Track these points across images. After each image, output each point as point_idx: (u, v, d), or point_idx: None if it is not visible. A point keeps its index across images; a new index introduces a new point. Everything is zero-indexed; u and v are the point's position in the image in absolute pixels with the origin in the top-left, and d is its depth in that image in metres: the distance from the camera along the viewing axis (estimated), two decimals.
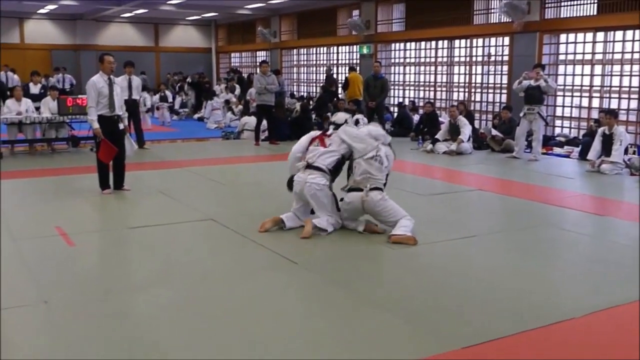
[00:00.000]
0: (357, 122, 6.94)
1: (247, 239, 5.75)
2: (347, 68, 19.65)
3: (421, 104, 15.88)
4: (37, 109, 12.02)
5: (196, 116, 19.69)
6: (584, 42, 12.91)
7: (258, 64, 15.73)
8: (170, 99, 19.54)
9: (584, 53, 12.96)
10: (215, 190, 8.34)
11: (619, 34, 12.30)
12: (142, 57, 25.09)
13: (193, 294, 4.37)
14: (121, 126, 7.87)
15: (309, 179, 5.96)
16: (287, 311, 4.10)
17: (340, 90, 17.54)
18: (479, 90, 15.58)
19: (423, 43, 17.11)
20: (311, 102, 18.18)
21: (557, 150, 12.17)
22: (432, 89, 16.93)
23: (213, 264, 5.16)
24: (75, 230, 5.97)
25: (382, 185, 5.92)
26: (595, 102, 12.85)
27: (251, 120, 14.10)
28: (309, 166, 6.06)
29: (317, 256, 5.30)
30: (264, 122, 13.26)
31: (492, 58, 15.12)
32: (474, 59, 15.62)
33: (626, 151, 10.21)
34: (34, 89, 13.89)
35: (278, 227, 6.05)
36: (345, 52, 20.44)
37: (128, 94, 11.93)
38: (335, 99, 16.55)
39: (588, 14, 12.66)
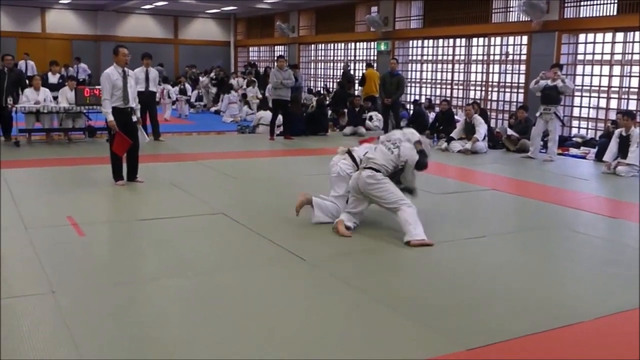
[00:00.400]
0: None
1: (255, 234, 5.77)
2: (364, 64, 19.65)
3: (438, 101, 15.81)
4: (55, 98, 12.14)
5: (213, 109, 19.78)
6: (603, 42, 12.78)
7: (275, 58, 15.76)
8: (189, 92, 19.63)
9: (602, 53, 12.83)
10: (228, 184, 8.37)
11: (638, 35, 12.15)
12: (161, 49, 25.23)
13: (199, 288, 4.41)
14: (134, 118, 7.92)
15: (340, 162, 6.11)
16: (293, 308, 4.11)
17: (357, 86, 17.51)
18: (496, 89, 15.48)
19: (441, 41, 17.03)
20: (327, 98, 18.18)
21: (573, 151, 12.06)
22: (449, 87, 16.85)
23: (220, 258, 5.19)
24: (86, 220, 6.03)
25: (382, 169, 5.75)
26: (613, 103, 12.72)
27: (267, 115, 14.13)
28: (348, 152, 6.21)
29: (325, 253, 5.31)
30: (280, 117, 13.29)
31: (510, 57, 15.01)
32: (491, 57, 15.51)
33: None
34: (53, 78, 14.03)
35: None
36: (363, 49, 20.40)
37: (145, 86, 12.03)
38: (351, 92, 16.55)
39: (608, 14, 12.53)
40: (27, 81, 12.17)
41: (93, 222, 6.05)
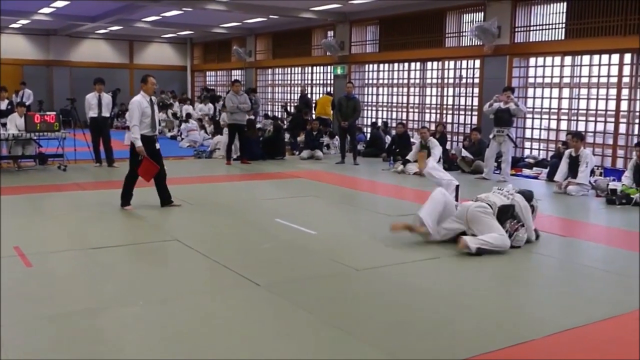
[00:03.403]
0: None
1: (210, 260, 5.69)
2: (321, 88, 19.85)
3: (394, 124, 15.96)
4: (4, 125, 11.83)
5: (169, 134, 19.61)
6: (553, 66, 13.12)
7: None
8: None
9: (552, 76, 13.16)
10: (183, 209, 8.24)
11: (586, 59, 12.52)
12: (116, 74, 24.94)
13: (152, 317, 4.30)
14: (157, 145, 8.12)
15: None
16: (246, 334, 4.04)
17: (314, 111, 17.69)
18: (450, 111, 15.71)
19: (396, 64, 17.25)
20: (285, 121, 18.22)
21: (526, 171, 12.30)
22: (404, 110, 17.05)
23: (173, 285, 5.07)
24: (34, 250, 5.86)
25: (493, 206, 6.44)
26: (563, 125, 13.03)
27: (223, 140, 14.06)
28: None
29: (280, 278, 5.26)
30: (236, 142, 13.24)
31: (464, 80, 15.29)
32: (445, 81, 15.77)
33: (592, 173, 10.36)
34: (1, 105, 13.69)
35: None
36: (320, 72, 20.55)
37: (98, 112, 11.89)
38: (308, 118, 16.62)
39: (556, 39, 12.87)
40: None
41: (41, 252, 5.87)
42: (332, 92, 18.36)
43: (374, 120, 17.68)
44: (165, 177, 8.23)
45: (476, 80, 14.70)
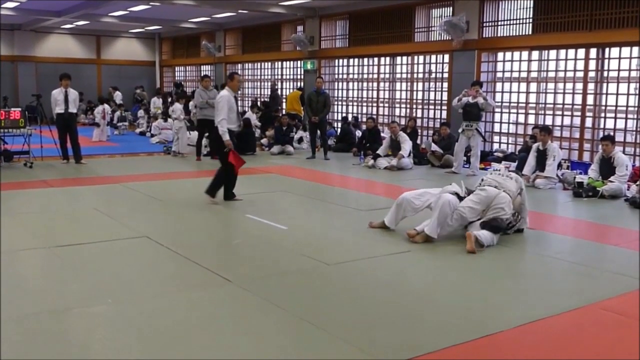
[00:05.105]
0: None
1: (180, 256, 5.64)
2: (291, 83, 19.80)
3: (364, 119, 16.01)
4: None
5: (138, 130, 19.41)
6: (520, 61, 13.27)
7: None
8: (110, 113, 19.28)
9: (520, 71, 13.31)
10: (152, 206, 8.17)
11: (552, 53, 12.69)
12: (83, 69, 24.63)
13: (121, 316, 4.25)
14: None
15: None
16: (218, 331, 4.02)
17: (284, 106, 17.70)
18: (420, 106, 15.81)
19: (366, 59, 17.29)
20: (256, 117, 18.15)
21: (495, 165, 12.40)
22: (374, 104, 17.10)
23: (143, 283, 5.02)
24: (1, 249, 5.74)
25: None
26: (531, 119, 13.19)
27: (193, 135, 13.96)
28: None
29: (251, 274, 5.24)
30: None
31: (433, 75, 15.39)
32: (415, 75, 15.85)
33: (560, 166, 10.51)
34: None
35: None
36: (290, 68, 20.50)
37: (65, 107, 11.71)
38: (278, 115, 16.61)
39: (524, 34, 13.02)
40: None
41: (7, 251, 5.76)
42: (302, 87, 18.36)
43: (344, 115, 17.71)
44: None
45: (445, 75, 14.81)
